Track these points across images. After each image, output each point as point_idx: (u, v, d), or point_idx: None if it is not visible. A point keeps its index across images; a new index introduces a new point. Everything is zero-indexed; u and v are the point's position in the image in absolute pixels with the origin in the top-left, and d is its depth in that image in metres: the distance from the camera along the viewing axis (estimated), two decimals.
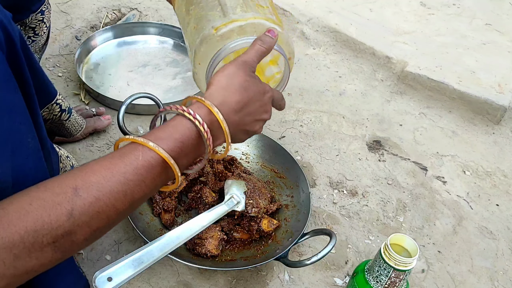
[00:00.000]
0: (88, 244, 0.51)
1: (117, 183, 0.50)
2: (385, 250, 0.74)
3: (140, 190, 0.52)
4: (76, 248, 0.50)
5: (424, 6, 1.72)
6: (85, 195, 0.48)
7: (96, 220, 0.49)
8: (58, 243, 0.47)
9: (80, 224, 0.48)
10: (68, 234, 0.47)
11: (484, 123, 1.33)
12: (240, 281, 0.91)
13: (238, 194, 0.92)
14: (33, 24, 0.96)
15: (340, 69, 1.46)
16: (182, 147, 0.54)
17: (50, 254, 0.47)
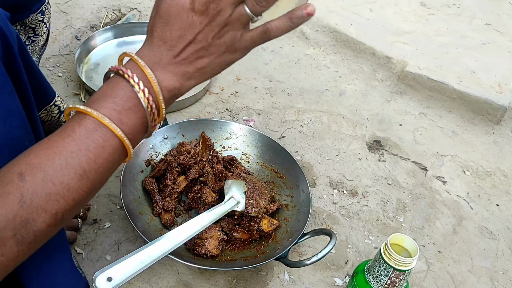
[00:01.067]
0: (56, 229, 0.48)
1: (60, 159, 0.46)
2: (385, 250, 0.74)
3: (88, 161, 0.47)
4: (42, 237, 0.47)
5: (424, 6, 1.72)
6: (31, 178, 0.45)
7: (51, 203, 0.46)
8: (19, 234, 0.45)
9: (35, 210, 0.45)
10: (26, 223, 0.45)
11: (484, 123, 1.33)
12: (240, 281, 0.91)
13: (238, 194, 0.92)
14: (33, 24, 0.96)
15: (340, 69, 1.46)
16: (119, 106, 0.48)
17: (15, 248, 0.45)
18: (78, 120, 0.48)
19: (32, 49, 1.00)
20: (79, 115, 0.48)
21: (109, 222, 0.96)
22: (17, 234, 0.44)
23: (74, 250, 0.90)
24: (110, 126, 0.48)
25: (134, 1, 1.56)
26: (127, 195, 0.92)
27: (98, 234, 0.94)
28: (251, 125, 1.22)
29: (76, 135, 0.47)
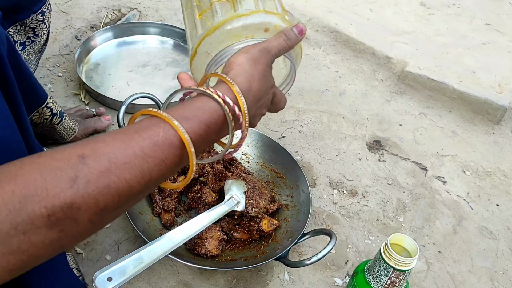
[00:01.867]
0: (91, 232, 0.43)
1: (134, 156, 0.43)
2: (385, 250, 0.74)
3: (159, 170, 0.45)
4: (77, 231, 0.41)
5: (424, 6, 1.72)
6: (94, 164, 0.41)
7: (105, 196, 0.41)
8: (54, 217, 0.38)
9: (86, 197, 0.40)
10: (69, 207, 0.39)
11: (484, 123, 1.33)
12: (240, 281, 0.91)
13: (238, 194, 0.92)
14: (33, 25, 0.96)
15: (340, 69, 1.46)
16: (207, 131, 0.49)
17: (44, 231, 0.38)
18: (163, 127, 0.46)
19: (31, 50, 0.99)
20: (158, 120, 0.47)
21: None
22: (53, 215, 0.38)
23: (74, 250, 0.90)
24: (191, 154, 0.47)
25: (134, 1, 1.56)
26: None
27: (98, 234, 0.94)
28: None
29: (159, 141, 0.45)
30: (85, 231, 0.42)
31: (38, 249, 0.39)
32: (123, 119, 0.91)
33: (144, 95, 0.94)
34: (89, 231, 0.43)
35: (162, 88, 1.29)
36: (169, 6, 1.57)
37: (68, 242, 0.41)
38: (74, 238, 0.42)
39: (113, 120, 1.15)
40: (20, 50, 0.95)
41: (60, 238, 0.40)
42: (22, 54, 0.96)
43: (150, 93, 0.95)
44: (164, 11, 1.55)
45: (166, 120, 0.46)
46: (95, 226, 0.43)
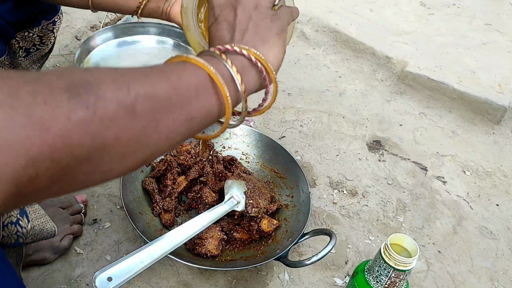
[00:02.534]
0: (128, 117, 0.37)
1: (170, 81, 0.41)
2: (385, 250, 0.74)
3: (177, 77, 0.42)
4: (107, 110, 0.35)
5: (424, 6, 1.72)
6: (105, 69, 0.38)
7: (122, 78, 0.37)
8: (74, 88, 0.34)
9: (102, 76, 0.36)
10: (87, 82, 0.35)
11: (484, 123, 1.33)
12: (240, 281, 0.91)
13: (238, 194, 0.92)
14: (41, 33, 0.95)
15: (340, 69, 1.46)
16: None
17: (67, 102, 0.33)
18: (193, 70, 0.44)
19: (35, 57, 0.99)
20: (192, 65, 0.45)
21: (109, 222, 0.96)
22: (71, 85, 0.34)
23: (74, 250, 0.90)
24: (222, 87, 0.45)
25: None
26: (127, 195, 0.92)
27: (98, 234, 0.94)
28: (251, 125, 1.22)
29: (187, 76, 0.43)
30: (121, 121, 0.36)
31: (64, 127, 0.33)
32: None
33: None
34: (128, 125, 0.37)
35: None
36: None
37: (101, 129, 0.35)
38: (107, 126, 0.35)
39: None
40: (23, 56, 0.94)
41: (90, 120, 0.34)
42: (24, 61, 0.95)
43: None
44: None
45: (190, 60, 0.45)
46: (131, 115, 0.37)
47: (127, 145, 0.37)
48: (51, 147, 0.32)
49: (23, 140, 0.30)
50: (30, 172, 0.31)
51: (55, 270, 0.87)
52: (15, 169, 0.30)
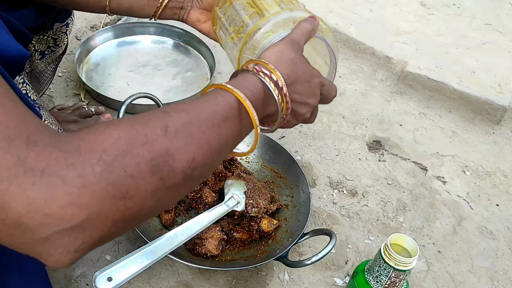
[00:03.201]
0: (184, 186, 0.46)
1: (204, 112, 0.49)
2: (385, 250, 0.74)
3: (225, 129, 0.51)
4: (173, 182, 0.44)
5: (424, 6, 1.72)
6: (176, 115, 0.46)
7: (191, 146, 0.45)
8: (155, 161, 0.42)
9: (177, 144, 0.44)
10: (165, 153, 0.43)
11: (484, 123, 1.33)
12: (240, 281, 0.91)
13: (238, 194, 0.92)
14: (56, 35, 0.95)
15: (340, 69, 1.46)
16: (255, 96, 0.55)
17: (148, 176, 0.41)
18: (220, 93, 0.53)
19: (50, 59, 0.99)
20: (222, 91, 0.53)
21: None
22: (154, 159, 0.42)
23: None
24: (249, 110, 0.53)
25: None
26: None
27: None
28: None
29: (219, 102, 0.51)
30: (180, 183, 0.45)
31: (143, 197, 0.42)
32: None
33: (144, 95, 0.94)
34: (183, 185, 0.46)
35: (162, 88, 1.29)
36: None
37: (166, 195, 0.44)
38: (171, 191, 0.45)
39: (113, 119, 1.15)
40: (39, 59, 0.95)
41: (160, 188, 0.43)
42: (40, 64, 0.96)
43: (150, 93, 0.95)
44: None
45: (221, 87, 0.54)
46: (187, 180, 0.46)
47: (177, 198, 0.48)
48: (130, 211, 0.41)
49: (113, 209, 0.39)
50: (113, 230, 0.41)
51: (55, 270, 0.87)
52: (103, 229, 0.40)
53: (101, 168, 0.39)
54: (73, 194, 0.37)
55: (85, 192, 0.38)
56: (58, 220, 0.37)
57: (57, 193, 0.37)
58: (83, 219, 0.38)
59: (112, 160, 0.39)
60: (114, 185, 0.39)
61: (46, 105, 1.19)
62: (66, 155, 0.38)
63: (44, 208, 0.36)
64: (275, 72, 0.58)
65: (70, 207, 0.37)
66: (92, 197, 0.38)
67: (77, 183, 0.37)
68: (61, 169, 0.37)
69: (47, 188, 0.36)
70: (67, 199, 0.37)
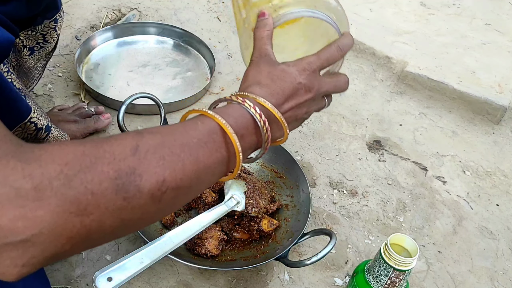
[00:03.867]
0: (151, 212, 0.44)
1: (179, 135, 0.47)
2: (385, 250, 0.74)
3: (204, 153, 0.48)
4: (139, 205, 0.42)
5: (424, 6, 1.72)
6: (149, 136, 0.45)
7: (162, 167, 0.43)
8: (120, 180, 0.40)
9: (146, 165, 0.42)
10: (132, 173, 0.41)
11: (484, 123, 1.33)
12: (240, 281, 0.91)
13: (238, 194, 0.92)
14: (44, 31, 0.95)
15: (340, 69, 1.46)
16: (239, 125, 0.53)
17: (110, 194, 0.40)
18: (200, 119, 0.51)
19: (39, 55, 0.99)
20: (203, 117, 0.52)
21: None
22: (119, 178, 0.40)
23: None
24: (231, 135, 0.51)
25: (134, 1, 1.56)
26: None
27: None
28: None
29: (198, 128, 0.50)
30: (147, 205, 0.43)
31: (102, 215, 0.40)
32: (123, 119, 0.91)
33: (144, 95, 0.94)
34: (152, 207, 0.44)
35: (162, 88, 1.29)
36: (169, 6, 1.57)
37: (130, 216, 0.42)
38: (137, 212, 0.43)
39: (113, 120, 1.15)
40: (27, 55, 0.94)
41: (124, 208, 0.41)
42: (29, 59, 0.96)
43: (150, 93, 0.95)
44: (164, 11, 1.55)
45: (201, 113, 0.52)
46: (157, 203, 0.44)
47: (145, 221, 0.46)
48: (87, 229, 0.39)
49: (68, 225, 0.38)
50: (67, 247, 0.39)
51: (55, 270, 0.87)
52: (56, 246, 0.38)
53: (60, 182, 0.37)
54: (25, 207, 0.36)
55: (39, 206, 0.36)
56: (6, 232, 0.36)
57: (9, 205, 0.35)
58: (33, 234, 0.36)
59: (73, 174, 0.38)
60: (72, 201, 0.38)
61: (46, 105, 1.19)
62: (24, 165, 0.37)
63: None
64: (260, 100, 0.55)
65: (20, 220, 0.36)
66: (46, 211, 0.36)
67: (32, 196, 0.36)
68: (17, 180, 0.36)
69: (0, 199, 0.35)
70: (18, 212, 0.36)
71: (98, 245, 0.44)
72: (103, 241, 0.44)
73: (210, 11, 1.56)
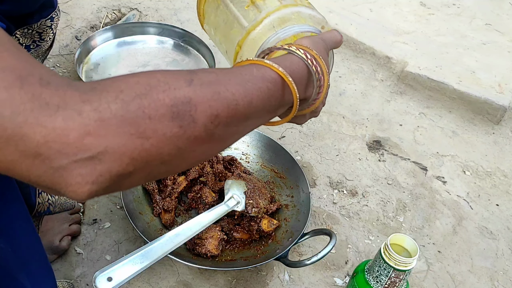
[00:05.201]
0: (205, 142, 0.45)
1: (234, 77, 0.48)
2: (385, 250, 0.74)
3: (257, 95, 0.49)
4: (194, 135, 0.43)
5: (424, 6, 1.72)
6: (204, 74, 0.45)
7: (216, 102, 0.44)
8: (176, 108, 0.41)
9: (201, 96, 0.43)
10: (188, 102, 0.42)
11: (484, 123, 1.33)
12: (240, 281, 0.91)
13: (238, 194, 0.92)
14: (40, 29, 0.95)
15: (340, 69, 1.46)
16: (294, 71, 0.54)
17: (166, 120, 0.41)
18: (255, 66, 0.52)
19: (35, 53, 0.99)
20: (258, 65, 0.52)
21: (109, 222, 0.96)
22: (174, 106, 0.41)
23: (74, 250, 0.90)
24: (290, 83, 0.53)
25: (134, 1, 1.56)
26: (127, 195, 0.92)
27: (98, 234, 0.94)
28: None
29: (253, 73, 0.50)
30: (200, 138, 0.44)
31: (160, 141, 0.41)
32: None
33: None
34: (205, 141, 0.45)
35: None
36: (169, 6, 1.57)
37: (185, 145, 0.43)
38: (192, 144, 0.44)
39: None
40: None
41: (180, 135, 0.42)
42: None
43: None
44: (164, 11, 1.55)
45: (258, 63, 0.52)
46: (209, 136, 0.45)
47: (200, 155, 0.47)
48: (147, 153, 0.40)
49: (130, 146, 0.39)
50: (130, 168, 0.40)
51: (55, 270, 0.87)
52: (120, 165, 0.39)
53: (118, 106, 0.39)
54: (89, 125, 0.37)
55: (101, 125, 0.38)
56: (75, 149, 0.37)
57: (74, 124, 0.37)
58: (100, 151, 0.38)
59: (130, 100, 0.39)
60: (131, 123, 0.39)
61: None
62: (81, 94, 0.38)
63: (62, 138, 0.37)
64: (312, 51, 0.57)
65: (87, 137, 0.37)
66: (108, 130, 0.38)
67: (93, 116, 0.38)
68: (76, 103, 0.37)
69: (63, 119, 0.37)
70: (83, 130, 0.37)
71: (158, 176, 0.46)
72: (163, 170, 0.44)
73: None
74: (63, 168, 0.38)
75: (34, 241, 0.63)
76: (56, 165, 0.37)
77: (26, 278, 0.61)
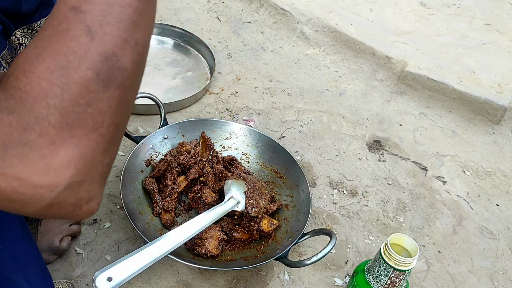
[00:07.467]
0: (140, 72, 0.40)
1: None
2: (385, 250, 0.74)
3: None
4: (130, 80, 0.38)
5: (424, 6, 1.72)
6: (90, 7, 0.37)
7: (123, 30, 0.37)
8: (102, 74, 0.36)
9: (112, 40, 0.37)
10: (107, 59, 0.36)
11: (484, 123, 1.33)
12: (240, 281, 0.91)
13: (238, 194, 0.92)
14: (39, 29, 0.96)
15: (340, 69, 1.46)
16: None
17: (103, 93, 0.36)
18: None
19: None
20: None
21: (109, 222, 0.96)
22: (99, 74, 0.35)
23: (74, 250, 0.90)
24: None
25: None
26: (127, 195, 0.92)
27: (98, 234, 0.94)
28: (251, 125, 1.23)
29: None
30: (134, 72, 0.39)
31: (112, 115, 0.37)
32: None
33: (144, 95, 0.94)
34: (138, 70, 0.39)
35: (162, 88, 1.29)
36: (169, 6, 1.57)
37: (131, 96, 0.39)
38: (133, 89, 0.39)
39: None
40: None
41: (122, 94, 0.37)
42: None
43: (150, 93, 0.95)
44: (164, 11, 1.55)
45: None
46: (139, 64, 0.39)
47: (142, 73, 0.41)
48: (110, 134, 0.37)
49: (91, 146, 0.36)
50: (107, 160, 0.38)
51: (55, 270, 0.87)
52: (97, 169, 0.37)
53: (55, 116, 0.34)
54: (46, 155, 0.34)
55: (55, 148, 0.34)
56: (48, 188, 0.34)
57: (31, 162, 0.34)
58: (72, 175, 0.35)
59: (60, 100, 0.34)
60: (78, 124, 0.35)
61: None
62: (17, 118, 0.34)
63: (28, 181, 0.34)
64: None
65: (51, 172, 0.34)
66: (66, 149, 0.34)
67: (43, 143, 0.34)
68: (21, 135, 0.33)
69: (18, 161, 0.33)
70: (43, 164, 0.34)
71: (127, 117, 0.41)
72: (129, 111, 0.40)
73: (210, 11, 1.56)
74: (49, 206, 0.35)
75: (29, 246, 0.62)
76: (41, 206, 0.35)
77: (24, 280, 0.61)
